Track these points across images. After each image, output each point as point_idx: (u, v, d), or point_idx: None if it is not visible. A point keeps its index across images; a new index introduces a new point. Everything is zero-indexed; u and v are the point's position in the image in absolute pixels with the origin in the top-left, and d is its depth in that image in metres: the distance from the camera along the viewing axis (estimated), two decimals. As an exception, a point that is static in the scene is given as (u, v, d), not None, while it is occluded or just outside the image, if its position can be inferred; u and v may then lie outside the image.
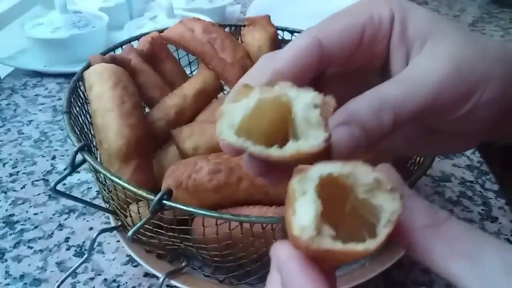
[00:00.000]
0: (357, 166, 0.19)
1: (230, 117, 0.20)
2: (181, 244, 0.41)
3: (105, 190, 0.44)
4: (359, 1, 0.27)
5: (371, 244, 0.18)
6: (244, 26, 0.60)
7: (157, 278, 0.43)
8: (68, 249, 0.49)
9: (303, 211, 0.18)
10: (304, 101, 0.20)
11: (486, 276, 0.18)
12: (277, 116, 0.21)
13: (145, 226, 0.37)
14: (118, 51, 0.55)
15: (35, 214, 0.54)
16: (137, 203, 0.41)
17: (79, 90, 0.49)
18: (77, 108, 0.47)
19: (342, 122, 0.23)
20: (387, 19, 0.26)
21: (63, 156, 0.64)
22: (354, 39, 0.25)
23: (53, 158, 0.63)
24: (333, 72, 0.28)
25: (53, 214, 0.54)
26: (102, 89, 0.44)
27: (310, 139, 0.19)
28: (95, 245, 0.47)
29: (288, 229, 0.19)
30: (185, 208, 0.36)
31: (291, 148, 0.20)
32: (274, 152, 0.20)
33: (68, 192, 0.55)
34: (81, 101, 0.49)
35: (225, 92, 0.58)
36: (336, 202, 0.19)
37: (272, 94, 0.20)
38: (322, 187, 0.19)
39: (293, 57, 0.24)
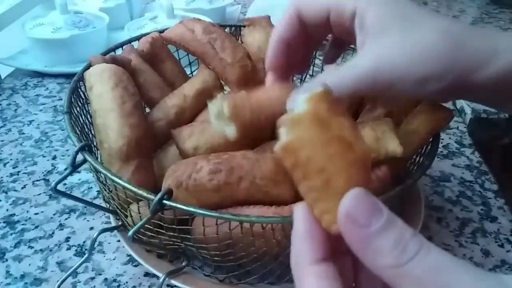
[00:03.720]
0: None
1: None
2: (182, 244, 0.41)
3: (105, 190, 0.44)
4: None
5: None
6: (244, 26, 0.60)
7: (158, 277, 0.43)
8: (68, 248, 0.49)
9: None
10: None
11: None
12: None
13: (146, 226, 0.37)
14: (119, 52, 0.55)
15: (36, 214, 0.54)
16: (138, 203, 0.41)
17: (79, 90, 0.49)
18: (78, 108, 0.47)
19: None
20: (349, 12, 0.35)
21: (63, 156, 0.64)
22: (322, 15, 0.36)
23: (54, 158, 0.64)
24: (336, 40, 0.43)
25: (54, 214, 0.54)
26: (103, 89, 0.44)
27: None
28: (95, 245, 0.47)
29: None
30: (185, 208, 0.36)
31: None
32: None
33: (68, 192, 0.55)
34: (81, 101, 0.49)
35: (225, 92, 0.58)
36: None
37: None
38: None
39: (284, 23, 0.38)
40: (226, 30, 0.58)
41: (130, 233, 0.36)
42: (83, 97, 0.49)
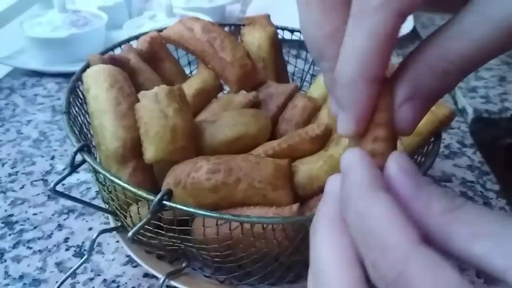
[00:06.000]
0: None
1: None
2: (182, 245, 0.41)
3: (104, 191, 0.43)
4: None
5: None
6: (244, 25, 0.60)
7: (157, 278, 0.43)
8: (67, 249, 0.49)
9: None
10: None
11: (510, 253, 0.18)
12: None
13: (145, 226, 0.37)
14: (117, 51, 0.55)
15: (34, 214, 0.54)
16: (137, 204, 0.41)
17: (78, 90, 0.48)
18: (76, 108, 0.47)
19: (406, 98, 0.22)
20: None
21: (62, 156, 0.64)
22: None
23: (52, 158, 0.63)
24: None
25: (52, 215, 0.54)
26: (98, 91, 0.43)
27: None
28: (94, 246, 0.47)
29: None
30: (185, 208, 0.35)
31: None
32: None
33: (67, 193, 0.54)
34: (80, 101, 0.48)
35: (224, 91, 0.58)
36: None
37: None
38: None
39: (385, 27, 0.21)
40: (225, 29, 0.58)
41: (130, 234, 0.36)
42: (82, 96, 0.49)
